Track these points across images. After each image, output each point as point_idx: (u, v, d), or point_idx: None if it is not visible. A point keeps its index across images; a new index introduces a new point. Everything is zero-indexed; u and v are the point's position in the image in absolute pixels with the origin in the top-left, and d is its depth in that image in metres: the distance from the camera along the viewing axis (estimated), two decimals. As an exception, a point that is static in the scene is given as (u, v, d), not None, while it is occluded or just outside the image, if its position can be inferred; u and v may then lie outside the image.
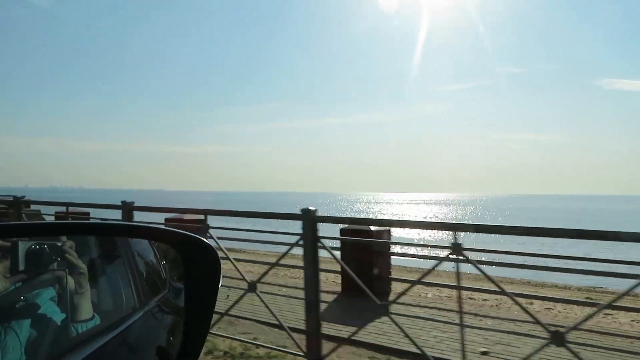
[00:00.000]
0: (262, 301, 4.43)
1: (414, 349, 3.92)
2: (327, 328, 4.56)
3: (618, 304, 3.51)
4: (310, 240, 3.87)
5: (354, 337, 4.38)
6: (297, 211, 4.04)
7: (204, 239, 1.05)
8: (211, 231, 4.73)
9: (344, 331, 4.96)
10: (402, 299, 4.29)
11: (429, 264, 3.89)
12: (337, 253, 4.77)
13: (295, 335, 4.21)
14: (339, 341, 4.13)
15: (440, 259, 3.66)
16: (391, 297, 6.56)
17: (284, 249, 4.60)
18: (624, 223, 45.33)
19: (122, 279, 1.09)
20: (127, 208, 5.41)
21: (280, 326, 4.39)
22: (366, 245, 6.72)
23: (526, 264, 4.49)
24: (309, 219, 3.86)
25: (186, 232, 1.07)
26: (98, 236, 1.08)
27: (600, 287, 10.42)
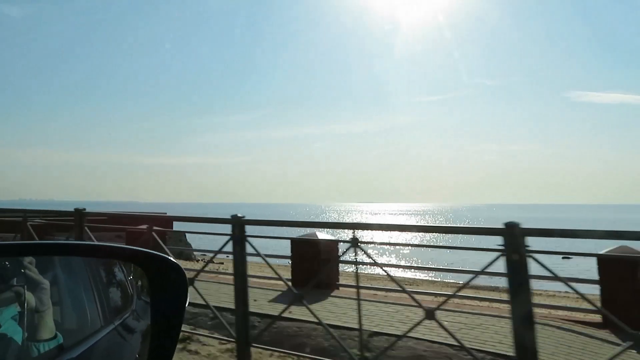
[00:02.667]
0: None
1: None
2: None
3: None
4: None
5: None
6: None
7: (171, 258, 1.04)
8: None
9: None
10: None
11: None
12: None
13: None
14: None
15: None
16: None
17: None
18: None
19: (87, 296, 1.06)
20: (239, 222, 4.93)
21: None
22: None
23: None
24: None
25: (153, 252, 1.06)
26: (61, 257, 1.05)
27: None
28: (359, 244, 4.29)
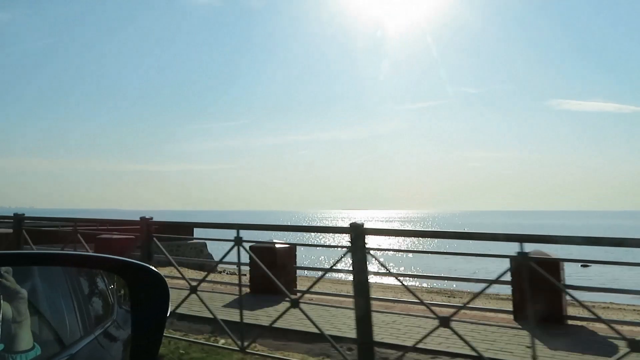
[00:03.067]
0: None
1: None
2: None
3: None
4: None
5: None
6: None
7: (153, 267, 1.03)
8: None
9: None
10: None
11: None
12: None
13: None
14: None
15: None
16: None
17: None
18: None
19: (66, 306, 1.04)
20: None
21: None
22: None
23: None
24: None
25: (133, 260, 1.04)
26: (40, 266, 1.03)
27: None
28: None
